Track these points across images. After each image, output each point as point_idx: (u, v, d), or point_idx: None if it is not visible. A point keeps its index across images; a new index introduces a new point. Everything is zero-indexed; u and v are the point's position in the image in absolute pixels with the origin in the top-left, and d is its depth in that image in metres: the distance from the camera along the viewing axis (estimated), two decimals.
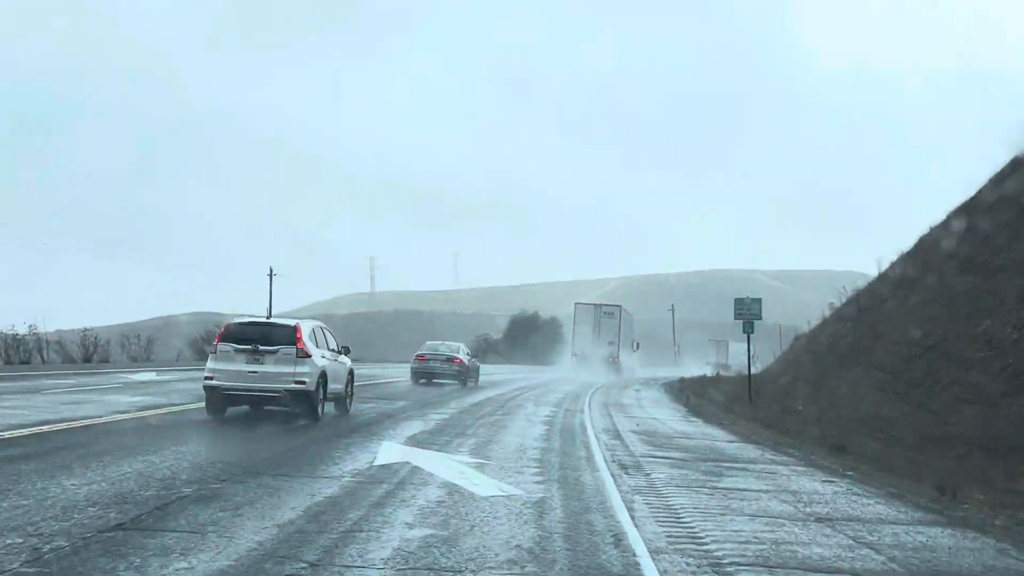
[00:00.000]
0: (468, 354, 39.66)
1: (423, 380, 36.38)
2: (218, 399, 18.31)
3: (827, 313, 38.84)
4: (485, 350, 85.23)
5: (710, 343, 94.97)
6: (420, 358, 37.61)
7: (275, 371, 18.06)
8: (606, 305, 61.22)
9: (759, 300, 32.68)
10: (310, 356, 18.34)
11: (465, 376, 37.26)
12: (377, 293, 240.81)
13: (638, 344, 65.07)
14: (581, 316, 57.90)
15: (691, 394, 37.17)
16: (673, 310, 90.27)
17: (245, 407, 18.98)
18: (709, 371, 60.41)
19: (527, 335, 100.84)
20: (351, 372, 21.24)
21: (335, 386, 19.72)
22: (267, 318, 20.09)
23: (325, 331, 20.11)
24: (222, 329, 19.10)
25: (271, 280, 59.53)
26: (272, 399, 18.31)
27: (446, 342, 41.72)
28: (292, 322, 19.07)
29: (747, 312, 32.07)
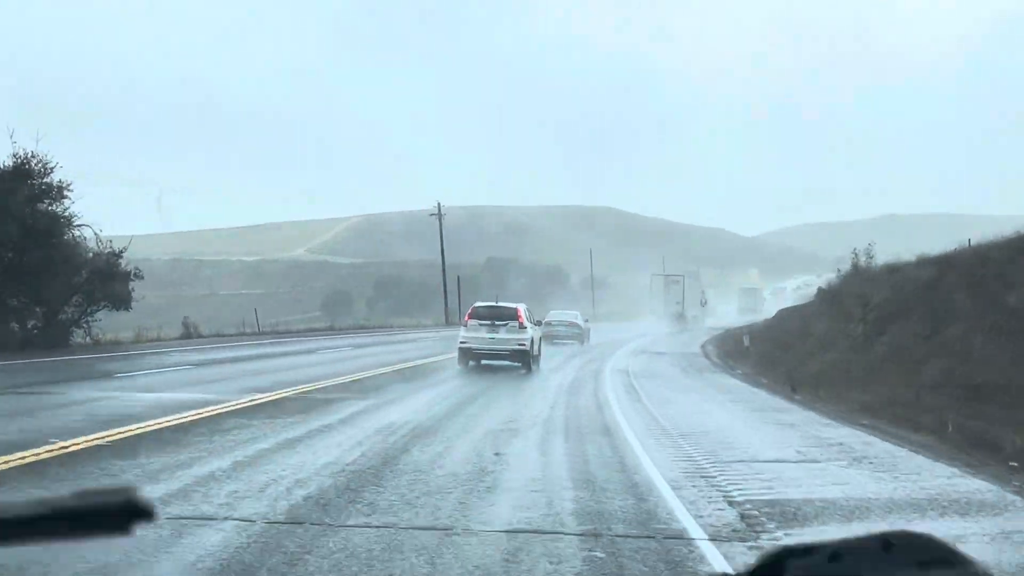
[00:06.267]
0: (584, 319, 47.97)
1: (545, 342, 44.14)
2: (467, 356, 27.40)
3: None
4: None
5: (741, 291, 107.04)
6: (545, 323, 45.77)
7: (506, 337, 27.26)
8: (673, 275, 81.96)
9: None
10: (526, 328, 27.63)
11: (582, 337, 45.14)
12: None
13: (705, 300, 79.59)
14: (655, 284, 78.86)
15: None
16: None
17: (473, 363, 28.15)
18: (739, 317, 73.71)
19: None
20: (541, 338, 30.58)
21: (535, 348, 29.03)
22: (496, 302, 29.15)
23: (529, 310, 29.44)
24: (470, 310, 28.23)
25: None
26: (503, 356, 27.52)
27: (565, 310, 50.31)
28: (514, 305, 28.35)
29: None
